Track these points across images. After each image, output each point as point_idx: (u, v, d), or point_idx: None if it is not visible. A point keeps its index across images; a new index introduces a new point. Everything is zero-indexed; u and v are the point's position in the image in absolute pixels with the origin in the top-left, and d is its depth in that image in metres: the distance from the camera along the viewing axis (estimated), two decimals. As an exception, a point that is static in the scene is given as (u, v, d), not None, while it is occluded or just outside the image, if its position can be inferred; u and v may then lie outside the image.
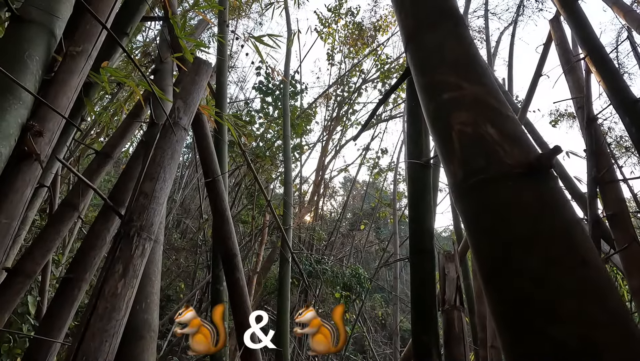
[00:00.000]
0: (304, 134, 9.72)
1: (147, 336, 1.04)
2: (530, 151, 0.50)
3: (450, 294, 1.68)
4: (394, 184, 9.90)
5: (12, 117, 0.93)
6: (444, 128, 0.55)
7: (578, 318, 0.38)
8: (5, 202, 0.92)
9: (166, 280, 9.24)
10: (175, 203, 12.51)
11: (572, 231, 0.44)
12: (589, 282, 0.40)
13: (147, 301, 1.12)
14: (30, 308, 4.13)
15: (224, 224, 2.23)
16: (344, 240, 13.33)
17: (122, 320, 1.01)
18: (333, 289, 8.26)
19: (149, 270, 1.21)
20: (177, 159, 1.39)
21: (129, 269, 1.07)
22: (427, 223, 1.62)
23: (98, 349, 0.93)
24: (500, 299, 0.46)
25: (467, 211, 0.52)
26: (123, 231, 1.14)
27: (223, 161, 2.77)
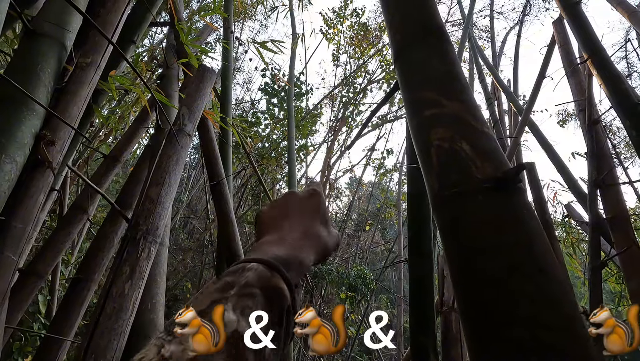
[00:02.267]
0: (309, 135, 9.76)
1: (153, 335, 1.09)
2: (501, 166, 0.53)
3: (449, 296, 1.71)
4: (399, 185, 9.91)
5: (27, 127, 0.98)
6: (424, 143, 0.59)
7: (534, 320, 0.41)
8: (20, 208, 0.97)
9: (173, 280, 9.36)
10: (182, 203, 12.64)
11: (533, 242, 0.48)
12: (545, 289, 0.44)
13: (152, 301, 1.17)
14: (41, 307, 4.24)
15: (229, 227, 2.28)
16: (350, 241, 13.34)
17: (129, 320, 1.06)
18: (338, 290, 8.28)
19: (155, 272, 1.26)
20: (181, 164, 1.44)
21: (135, 271, 1.12)
22: (425, 226, 1.65)
23: (106, 347, 0.98)
24: (466, 302, 0.49)
25: (441, 221, 0.55)
26: (130, 235, 1.19)
27: (228, 164, 2.82)
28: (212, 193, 2.48)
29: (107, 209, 5.08)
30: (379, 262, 13.37)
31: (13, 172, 0.92)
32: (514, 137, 3.28)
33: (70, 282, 1.82)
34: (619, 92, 2.07)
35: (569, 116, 9.02)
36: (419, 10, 0.73)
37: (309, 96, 9.80)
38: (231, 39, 2.94)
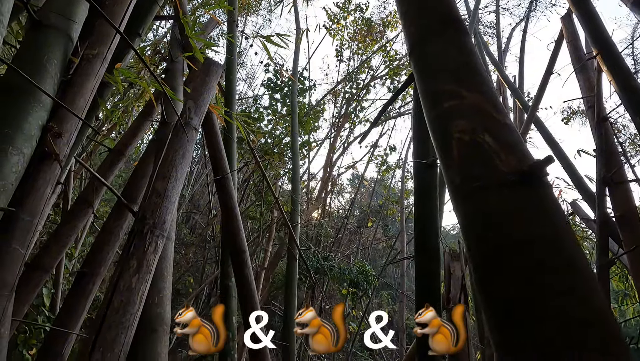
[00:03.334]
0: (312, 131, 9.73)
1: (160, 329, 1.09)
2: (525, 159, 0.52)
3: (455, 292, 1.71)
4: (402, 182, 9.89)
5: (34, 119, 0.97)
6: (443, 136, 0.57)
7: (565, 316, 0.40)
8: (28, 200, 0.97)
9: (175, 275, 9.39)
10: (185, 198, 12.66)
11: (560, 236, 0.46)
12: (575, 284, 0.42)
13: (159, 295, 1.17)
14: (45, 300, 4.26)
15: (233, 221, 2.28)
16: (352, 237, 13.34)
17: (137, 313, 1.05)
18: (340, 286, 8.30)
19: (162, 266, 1.25)
20: (188, 158, 1.43)
21: (142, 265, 1.11)
22: (433, 222, 1.63)
23: (114, 340, 0.97)
24: (490, 299, 0.48)
25: (463, 216, 0.54)
26: (137, 229, 1.18)
27: (232, 159, 2.82)
28: (216, 187, 2.48)
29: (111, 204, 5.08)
30: (380, 259, 13.38)
31: (20, 165, 0.92)
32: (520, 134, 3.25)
33: (76, 276, 1.82)
34: (629, 89, 2.04)
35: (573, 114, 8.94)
36: (436, 1, 0.71)
37: (312, 91, 9.76)
38: (235, 32, 2.92)
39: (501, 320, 0.45)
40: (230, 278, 2.56)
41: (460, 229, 0.55)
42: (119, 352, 0.97)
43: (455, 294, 1.68)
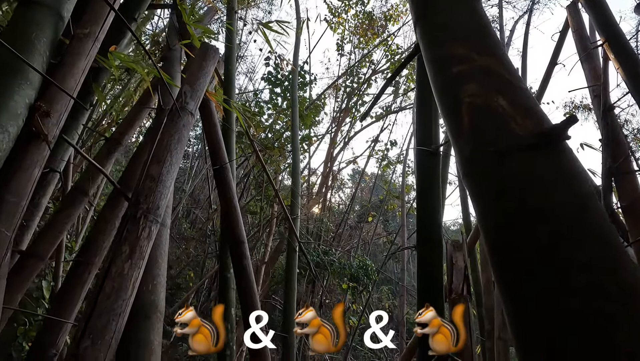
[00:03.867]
0: (313, 126, 9.67)
1: (154, 316, 1.06)
2: (543, 122, 0.47)
3: (458, 283, 1.67)
4: (402, 177, 9.84)
5: (20, 97, 0.93)
6: (452, 102, 0.53)
7: (589, 290, 0.36)
8: (14, 181, 0.93)
9: (176, 269, 9.40)
10: (185, 193, 12.66)
11: (584, 203, 0.42)
12: (601, 255, 0.38)
13: (153, 282, 1.13)
14: (45, 292, 4.26)
15: (232, 212, 2.24)
16: (352, 232, 13.33)
17: (129, 300, 1.02)
18: (340, 281, 8.29)
19: (156, 253, 1.22)
20: (184, 143, 1.39)
21: (135, 250, 1.08)
22: (435, 212, 1.60)
23: (105, 327, 0.94)
24: (507, 271, 0.44)
25: (475, 186, 0.50)
26: (130, 213, 1.15)
27: (231, 149, 2.78)
28: (215, 177, 2.44)
29: (110, 196, 4.98)
30: (381, 254, 13.37)
31: (5, 143, 0.88)
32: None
33: (71, 265, 1.79)
34: (637, 76, 1.99)
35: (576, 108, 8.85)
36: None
37: (312, 85, 9.69)
38: (235, 20, 2.86)
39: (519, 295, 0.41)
40: (229, 269, 2.53)
41: (472, 201, 0.51)
42: (110, 339, 0.93)
43: (458, 285, 1.64)
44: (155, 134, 1.49)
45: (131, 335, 1.01)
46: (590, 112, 8.03)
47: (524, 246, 0.41)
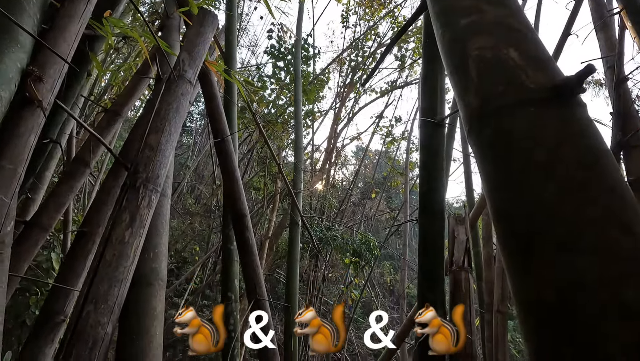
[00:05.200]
0: (316, 101, 9.53)
1: (156, 284, 1.07)
2: (556, 74, 0.44)
3: (459, 256, 1.67)
4: (406, 153, 9.76)
5: (11, 60, 0.90)
6: (460, 56, 0.49)
7: (599, 248, 0.34)
8: (9, 147, 0.91)
9: (182, 243, 9.59)
10: (189, 169, 12.71)
11: (598, 158, 0.40)
12: (614, 211, 0.36)
13: (155, 251, 1.14)
14: (54, 263, 4.39)
15: (234, 185, 2.23)
16: (355, 209, 13.42)
17: (130, 267, 1.03)
18: (343, 256, 8.42)
19: (157, 222, 1.22)
20: (182, 113, 1.36)
21: (135, 219, 1.08)
22: (437, 184, 1.58)
23: (107, 293, 0.95)
24: (511, 231, 0.42)
25: (481, 143, 0.47)
26: (129, 182, 1.14)
27: (232, 122, 2.74)
28: (216, 151, 2.42)
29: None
30: (383, 230, 13.50)
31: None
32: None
33: (75, 235, 1.81)
34: (655, 46, 1.89)
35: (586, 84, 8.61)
36: None
37: (316, 59, 9.47)
38: (235, -13, 2.75)
39: (522, 255, 0.39)
40: (232, 241, 2.55)
41: (476, 160, 0.49)
42: (113, 305, 0.95)
43: (459, 258, 1.65)
44: (154, 104, 1.46)
45: (134, 301, 1.03)
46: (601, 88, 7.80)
47: (532, 205, 0.39)
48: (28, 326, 4.12)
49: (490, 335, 2.93)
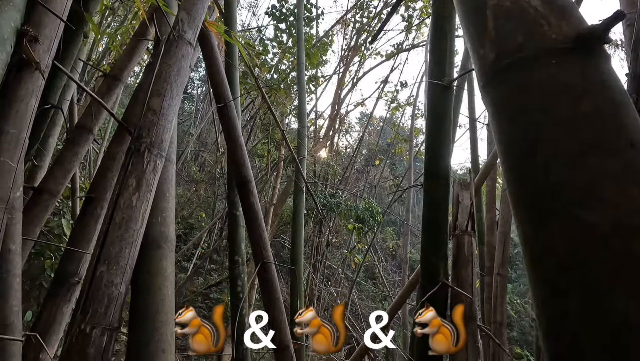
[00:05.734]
0: (320, 65, 9.26)
1: (165, 246, 1.09)
2: (580, 23, 0.41)
3: (463, 220, 1.68)
4: (411, 119, 9.59)
5: (4, 20, 0.87)
6: (476, 6, 0.46)
7: (616, 201, 0.34)
8: (11, 111, 0.90)
9: (188, 210, 9.78)
10: (192, 136, 12.67)
11: (620, 112, 0.38)
12: (634, 165, 0.35)
13: (162, 215, 1.16)
14: (65, 229, 4.53)
15: (238, 151, 2.23)
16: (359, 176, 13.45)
17: (140, 230, 1.05)
18: (346, 222, 8.56)
19: (163, 187, 1.23)
20: (183, 75, 1.32)
21: (142, 183, 1.08)
22: (444, 148, 1.56)
23: (118, 255, 0.97)
24: (528, 187, 0.41)
25: (496, 99, 0.45)
26: (133, 147, 1.13)
27: (234, 86, 2.68)
28: (219, 116, 2.39)
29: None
30: (387, 197, 13.59)
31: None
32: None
33: (83, 201, 1.84)
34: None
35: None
36: None
37: (319, 21, 9.08)
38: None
39: (537, 210, 0.38)
40: (238, 208, 2.59)
41: (490, 117, 0.47)
42: (125, 266, 0.98)
43: (462, 222, 1.66)
44: (154, 67, 1.43)
45: (145, 263, 1.06)
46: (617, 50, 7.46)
47: (551, 160, 0.38)
48: (45, 288, 4.32)
49: (489, 296, 3.02)
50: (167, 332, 0.95)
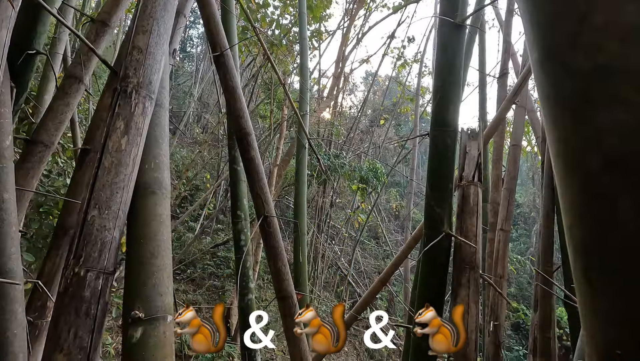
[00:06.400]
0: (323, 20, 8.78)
1: (159, 192, 1.06)
2: None
3: (469, 171, 1.62)
4: (418, 77, 9.24)
5: None
6: None
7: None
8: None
9: (192, 171, 9.79)
10: (193, 97, 12.42)
11: None
12: None
13: (155, 161, 1.11)
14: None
15: (236, 103, 2.13)
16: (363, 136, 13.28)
17: (131, 175, 1.00)
18: (350, 182, 8.55)
19: (155, 133, 1.17)
20: (171, 11, 1.22)
21: (130, 126, 1.02)
22: (453, 94, 1.46)
23: (109, 199, 0.94)
24: (567, 72, 0.34)
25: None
26: (120, 88, 1.06)
27: (231, 33, 2.53)
28: (216, 66, 2.26)
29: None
30: (391, 158, 13.49)
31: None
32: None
33: (79, 153, 1.80)
34: None
35: None
36: None
37: (323, -31, 8.49)
38: None
39: (582, 104, 0.31)
40: (239, 162, 2.54)
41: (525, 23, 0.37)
42: (117, 210, 0.94)
43: (469, 173, 1.60)
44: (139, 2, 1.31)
45: (139, 209, 1.02)
46: None
47: (604, 35, 0.30)
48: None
49: (491, 251, 3.03)
50: (164, 276, 0.94)
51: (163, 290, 0.92)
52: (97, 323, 0.84)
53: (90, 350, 0.82)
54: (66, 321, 0.81)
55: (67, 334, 0.80)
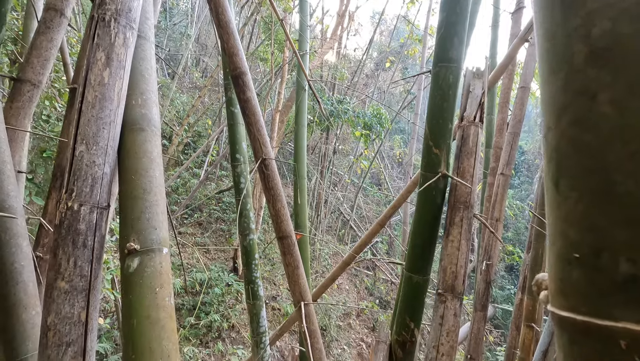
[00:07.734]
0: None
1: (148, 130, 1.03)
2: None
3: (471, 111, 1.57)
4: (427, 15, 8.65)
5: None
6: None
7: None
8: None
9: (194, 117, 9.65)
10: (191, 38, 11.81)
11: None
12: None
13: (142, 97, 1.07)
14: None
15: (229, 39, 2.01)
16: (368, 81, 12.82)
17: (117, 110, 0.97)
18: (354, 129, 8.42)
19: (141, 67, 1.11)
20: None
21: (112, 58, 0.97)
22: (458, 26, 1.36)
23: (96, 135, 0.92)
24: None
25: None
26: (97, 16, 0.99)
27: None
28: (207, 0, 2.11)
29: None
30: (396, 104, 13.13)
31: None
32: None
33: (69, 92, 1.75)
34: None
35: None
36: None
37: None
38: None
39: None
40: (235, 104, 2.48)
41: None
42: (105, 146, 0.93)
43: (471, 113, 1.55)
44: None
45: (129, 145, 1.01)
46: None
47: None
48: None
49: (490, 195, 3.06)
50: (158, 211, 0.95)
51: (157, 224, 0.94)
52: (95, 254, 0.87)
53: (91, 277, 0.85)
54: (64, 251, 0.84)
55: (67, 263, 0.84)
